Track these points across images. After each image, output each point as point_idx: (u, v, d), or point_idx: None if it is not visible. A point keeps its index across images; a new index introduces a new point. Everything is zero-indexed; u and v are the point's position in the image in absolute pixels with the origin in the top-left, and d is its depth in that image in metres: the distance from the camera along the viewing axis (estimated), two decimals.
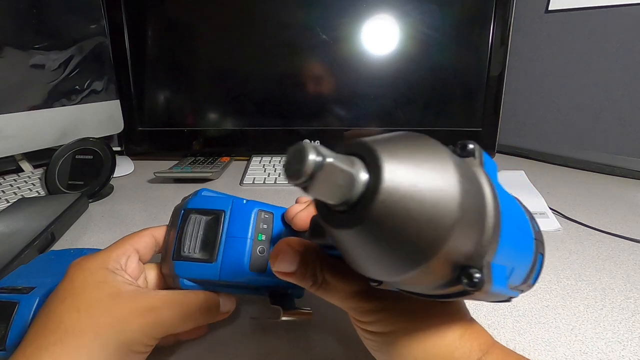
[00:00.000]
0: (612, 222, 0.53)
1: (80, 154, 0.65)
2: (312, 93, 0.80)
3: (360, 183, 0.14)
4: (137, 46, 0.78)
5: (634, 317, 0.35)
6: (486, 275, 0.16)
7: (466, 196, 0.15)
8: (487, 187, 0.17)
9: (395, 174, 0.14)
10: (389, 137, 0.16)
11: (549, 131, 0.78)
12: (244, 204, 0.28)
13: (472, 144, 0.18)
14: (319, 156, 0.13)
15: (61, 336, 0.21)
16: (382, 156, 0.14)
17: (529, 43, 0.77)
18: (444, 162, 0.15)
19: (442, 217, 0.14)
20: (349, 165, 0.14)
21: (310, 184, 0.13)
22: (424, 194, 0.14)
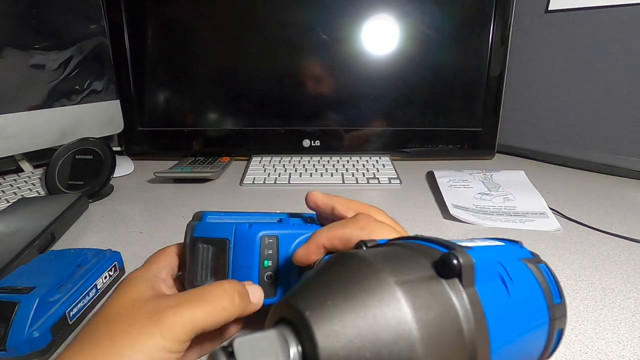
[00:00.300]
0: (612, 222, 0.53)
1: (80, 154, 0.65)
2: (312, 93, 0.80)
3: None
4: (137, 46, 0.78)
5: (634, 317, 0.35)
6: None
7: (434, 348, 0.13)
8: (469, 319, 0.14)
9: (333, 346, 0.12)
10: (323, 283, 0.14)
11: (549, 131, 0.78)
12: (247, 230, 0.27)
13: (456, 260, 0.15)
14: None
15: (84, 346, 0.21)
16: (314, 328, 0.13)
17: (529, 43, 0.77)
18: (395, 311, 0.13)
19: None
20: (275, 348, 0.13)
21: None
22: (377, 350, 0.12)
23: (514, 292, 0.17)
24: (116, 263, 0.41)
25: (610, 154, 0.71)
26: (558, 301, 0.19)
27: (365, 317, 0.13)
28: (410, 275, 0.14)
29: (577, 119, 0.74)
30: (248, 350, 0.13)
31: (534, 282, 0.19)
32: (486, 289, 0.15)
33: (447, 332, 0.14)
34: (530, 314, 0.18)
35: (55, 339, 0.31)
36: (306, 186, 0.68)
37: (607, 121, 0.71)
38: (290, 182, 0.69)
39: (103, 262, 0.39)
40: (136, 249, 0.47)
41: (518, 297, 0.17)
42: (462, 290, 0.15)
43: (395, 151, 0.82)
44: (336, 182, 0.69)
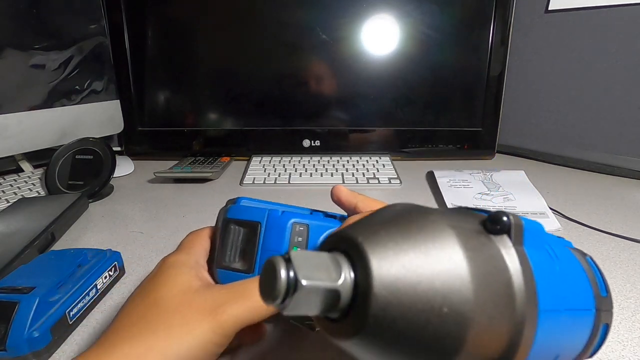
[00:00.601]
0: (612, 222, 0.53)
1: (80, 154, 0.65)
2: (312, 93, 0.80)
3: (347, 287, 0.13)
4: (137, 46, 0.78)
5: (634, 317, 0.35)
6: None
7: (484, 294, 0.13)
8: (518, 275, 0.14)
9: (387, 276, 0.12)
10: (378, 221, 0.14)
11: (549, 131, 0.78)
12: (279, 216, 0.28)
13: (506, 217, 0.15)
14: (292, 276, 0.12)
15: (140, 330, 0.22)
16: (370, 254, 0.13)
17: (529, 43, 0.77)
18: (449, 251, 0.13)
19: (451, 326, 0.12)
20: (329, 275, 0.13)
21: (285, 307, 0.12)
22: (426, 290, 0.12)
23: (560, 269, 0.17)
24: (116, 263, 0.40)
25: (610, 154, 0.71)
26: (604, 294, 0.19)
27: (419, 249, 0.13)
28: (462, 224, 0.14)
29: (577, 119, 0.74)
30: (304, 260, 0.13)
31: (579, 268, 0.19)
32: (534, 253, 0.15)
33: (496, 276, 0.14)
34: (577, 294, 0.18)
35: (55, 339, 0.31)
36: (306, 186, 0.68)
37: (607, 121, 0.71)
38: (290, 182, 0.69)
39: (103, 262, 0.39)
40: (136, 249, 0.47)
41: (564, 275, 0.17)
42: (511, 246, 0.15)
43: (395, 151, 0.82)
44: (336, 182, 0.69)
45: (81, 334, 0.34)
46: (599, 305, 0.19)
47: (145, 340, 0.22)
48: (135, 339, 0.22)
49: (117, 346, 0.22)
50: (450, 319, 0.12)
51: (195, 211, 0.58)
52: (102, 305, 0.37)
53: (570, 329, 0.17)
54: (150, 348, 0.21)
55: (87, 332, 0.34)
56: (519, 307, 0.14)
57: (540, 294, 0.15)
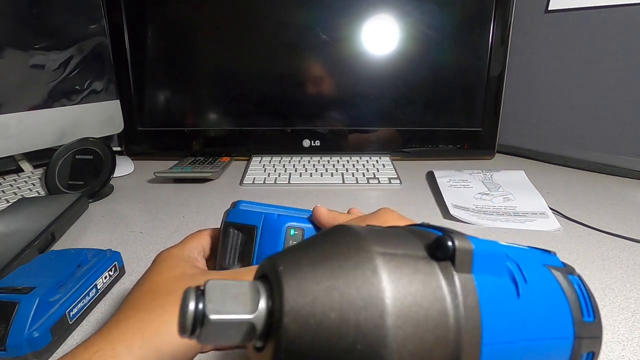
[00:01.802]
0: (612, 222, 0.53)
1: (80, 154, 0.65)
2: (312, 93, 0.80)
3: (261, 320, 0.12)
4: (137, 46, 0.78)
5: (634, 317, 0.35)
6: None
7: (407, 322, 0.12)
8: (457, 303, 0.13)
9: (298, 303, 0.12)
10: (306, 246, 0.14)
11: (549, 131, 0.78)
12: (274, 220, 0.28)
13: (450, 242, 0.14)
14: (200, 309, 0.12)
15: (136, 311, 0.24)
16: (284, 281, 0.12)
17: (529, 43, 0.77)
18: (370, 282, 0.12)
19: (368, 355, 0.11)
20: (244, 308, 0.12)
21: (198, 338, 0.12)
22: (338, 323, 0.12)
23: (525, 294, 0.15)
24: (116, 263, 0.40)
25: (610, 154, 0.71)
26: (589, 319, 0.17)
27: (337, 278, 0.12)
28: (397, 250, 0.13)
29: (577, 119, 0.74)
30: (219, 292, 0.12)
31: (557, 289, 0.17)
32: (487, 280, 0.14)
33: (427, 308, 0.12)
34: (547, 322, 0.16)
35: (55, 339, 0.31)
36: (306, 186, 0.68)
37: (607, 121, 0.71)
38: (290, 182, 0.69)
39: (103, 262, 0.39)
40: (136, 249, 0.47)
41: (531, 300, 0.15)
42: (454, 274, 0.13)
43: (395, 151, 0.82)
44: (336, 182, 0.69)
45: (81, 334, 0.34)
46: (579, 332, 0.17)
47: (140, 319, 0.23)
48: (131, 318, 0.23)
49: (113, 327, 0.23)
50: (364, 356, 0.11)
51: (195, 211, 0.58)
52: (102, 305, 0.37)
53: (534, 358, 0.15)
54: (145, 325, 0.23)
55: (87, 332, 0.34)
56: (453, 341, 0.13)
57: (485, 325, 0.13)
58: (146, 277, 0.26)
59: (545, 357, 0.16)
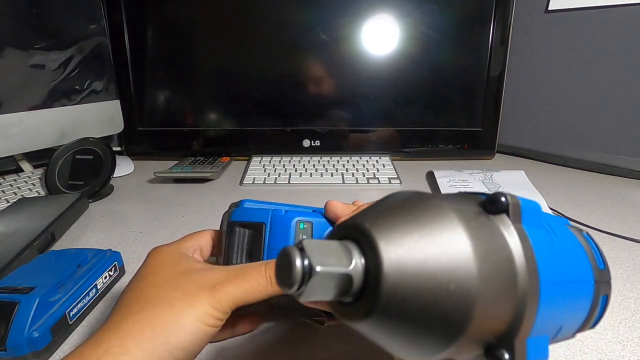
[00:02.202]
0: (612, 222, 0.53)
1: (80, 154, 0.65)
2: (312, 93, 0.80)
3: (358, 273, 0.13)
4: (137, 46, 0.78)
5: (634, 317, 0.35)
6: (519, 355, 0.14)
7: (487, 270, 0.13)
8: (518, 251, 0.15)
9: (395, 258, 0.13)
10: (382, 208, 0.15)
11: (549, 131, 0.78)
12: (282, 216, 0.28)
13: (504, 197, 0.15)
14: (307, 263, 0.12)
15: (142, 306, 0.24)
16: (378, 239, 0.13)
17: (529, 43, 0.77)
18: (452, 232, 0.13)
19: (458, 301, 0.13)
20: (342, 262, 0.13)
21: (302, 293, 0.13)
22: (433, 268, 0.13)
23: (558, 244, 0.17)
24: (116, 263, 0.40)
25: (610, 154, 0.71)
26: (602, 267, 0.20)
27: (423, 230, 0.13)
28: (460, 206, 0.15)
29: (577, 119, 0.74)
30: (317, 248, 0.13)
31: (577, 243, 0.20)
32: (532, 230, 0.16)
33: (498, 253, 0.14)
34: (575, 267, 0.18)
35: (55, 339, 0.31)
36: (306, 186, 0.68)
37: (607, 121, 0.71)
38: (290, 182, 0.69)
39: (103, 262, 0.39)
40: (136, 249, 0.47)
41: (562, 249, 0.18)
42: (510, 224, 0.15)
43: (395, 151, 0.82)
44: (336, 182, 0.69)
45: (81, 334, 0.34)
46: (597, 277, 0.19)
47: (149, 314, 0.23)
48: (139, 313, 0.23)
49: (121, 322, 0.23)
50: (457, 295, 0.13)
51: (195, 211, 0.58)
52: (102, 305, 0.37)
53: (572, 300, 0.18)
54: (154, 320, 0.23)
55: (87, 332, 0.34)
56: (521, 280, 0.14)
57: (540, 268, 0.15)
58: (146, 272, 0.26)
59: (578, 298, 0.18)
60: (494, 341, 0.14)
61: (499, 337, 0.14)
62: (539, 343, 0.15)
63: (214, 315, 0.24)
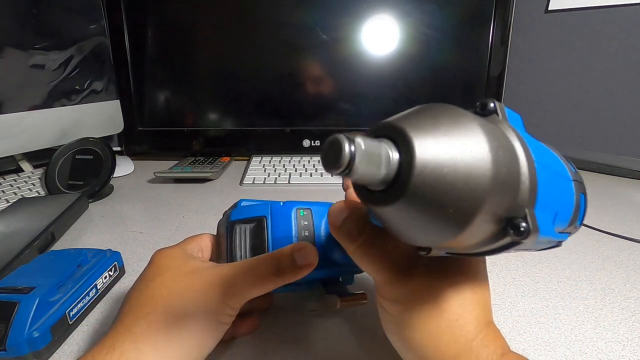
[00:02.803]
0: (612, 222, 0.53)
1: (80, 154, 0.65)
2: (312, 93, 0.80)
3: (394, 162, 0.15)
4: (137, 46, 0.78)
5: (634, 317, 0.35)
6: (532, 223, 0.16)
7: (497, 153, 0.15)
8: (516, 140, 0.18)
9: (426, 147, 0.15)
10: (412, 113, 0.17)
11: (549, 131, 0.78)
12: (281, 206, 0.29)
13: (492, 102, 0.19)
14: (353, 146, 0.14)
15: (154, 307, 0.24)
16: (410, 133, 0.15)
17: (529, 43, 0.77)
18: (469, 126, 0.16)
19: (477, 178, 0.15)
20: (381, 149, 0.15)
21: (348, 173, 0.14)
22: (456, 160, 0.15)
23: (537, 145, 0.20)
24: (116, 263, 0.40)
25: (610, 154, 0.71)
26: (574, 170, 0.23)
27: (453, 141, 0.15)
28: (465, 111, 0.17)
29: (577, 119, 0.74)
30: (359, 137, 0.15)
31: (552, 152, 0.22)
32: (519, 128, 0.19)
33: (504, 146, 0.16)
34: (557, 163, 0.21)
35: (55, 339, 0.31)
36: (306, 186, 0.68)
37: (607, 121, 0.71)
38: (290, 182, 0.69)
39: (103, 262, 0.39)
40: (136, 249, 0.47)
41: (541, 147, 0.20)
42: (501, 120, 0.19)
43: None
44: (336, 182, 0.69)
45: (81, 334, 0.34)
46: (573, 176, 0.22)
47: (162, 315, 0.23)
48: (151, 315, 0.23)
49: (134, 326, 0.23)
50: (476, 174, 0.15)
51: (195, 211, 0.58)
52: (102, 305, 0.37)
53: (560, 188, 0.20)
54: (166, 320, 0.23)
55: (87, 332, 0.34)
56: (522, 162, 0.17)
57: (533, 152, 0.18)
58: (153, 273, 0.26)
59: (563, 188, 0.21)
60: (508, 215, 0.16)
61: (512, 210, 0.17)
62: (544, 216, 0.18)
63: (226, 311, 0.24)
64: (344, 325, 0.33)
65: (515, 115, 0.20)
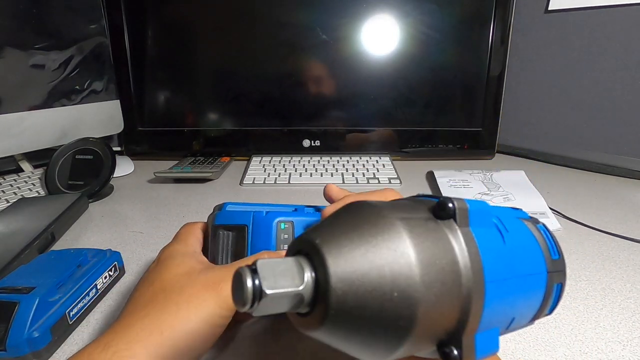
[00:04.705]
0: (612, 222, 0.53)
1: (80, 154, 0.65)
2: (312, 93, 0.80)
3: (309, 288, 0.14)
4: (137, 46, 0.78)
5: (634, 317, 0.35)
6: (466, 351, 0.15)
7: (430, 275, 0.14)
8: (463, 254, 0.16)
9: (342, 271, 0.14)
10: (335, 222, 0.16)
11: (549, 131, 0.78)
12: (263, 217, 0.29)
13: (451, 203, 0.16)
14: (257, 285, 0.14)
15: (150, 310, 0.24)
16: (326, 255, 0.14)
17: (529, 43, 0.77)
18: (396, 243, 0.15)
19: (402, 302, 0.14)
20: (293, 281, 0.14)
21: (254, 310, 0.14)
22: (377, 278, 0.14)
23: (509, 240, 0.18)
24: (116, 263, 0.40)
25: (610, 154, 0.71)
26: (556, 257, 0.21)
27: (369, 242, 0.14)
28: (410, 215, 0.16)
29: (577, 119, 0.74)
30: (269, 269, 0.14)
31: (530, 236, 0.21)
32: (480, 231, 0.17)
33: (442, 257, 0.15)
34: (527, 261, 0.19)
35: (55, 339, 0.31)
36: (306, 186, 0.68)
37: (607, 121, 0.71)
38: (290, 182, 0.69)
39: (103, 262, 0.39)
40: (136, 249, 0.47)
41: (513, 245, 0.19)
42: (457, 229, 0.16)
43: (395, 151, 0.82)
44: (336, 182, 0.69)
45: (81, 334, 0.34)
46: (550, 267, 0.20)
47: (156, 318, 0.24)
48: (147, 317, 0.24)
49: (129, 327, 0.23)
50: (400, 301, 0.14)
51: (195, 211, 0.58)
52: (102, 305, 0.37)
53: (523, 292, 0.19)
54: (161, 324, 0.23)
55: (87, 332, 0.34)
56: (465, 282, 0.15)
57: (485, 267, 0.16)
58: (154, 274, 0.27)
59: (529, 290, 0.19)
60: (445, 337, 0.15)
61: (449, 333, 0.15)
62: (489, 337, 0.16)
63: (221, 314, 0.25)
64: None
65: (480, 207, 0.17)
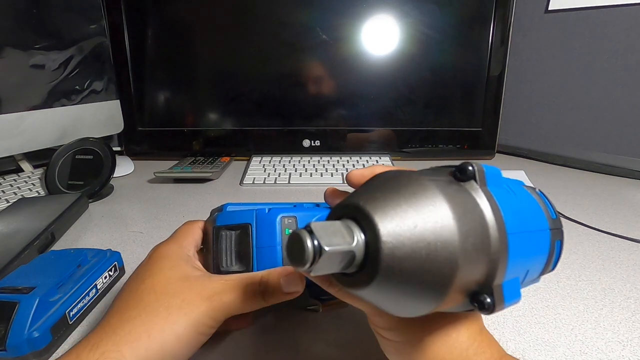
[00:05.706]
0: (612, 222, 0.53)
1: (80, 154, 0.65)
2: (312, 93, 0.80)
3: (360, 247, 0.16)
4: (137, 46, 0.78)
5: (634, 317, 0.35)
6: (497, 298, 0.17)
7: (465, 228, 0.16)
8: (488, 209, 0.17)
9: (390, 228, 0.15)
10: (373, 187, 0.17)
11: (549, 131, 0.78)
12: (266, 214, 0.29)
13: (471, 166, 0.18)
14: (317, 244, 0.15)
15: (140, 312, 0.24)
16: (373, 215, 0.15)
17: (529, 43, 0.77)
18: (433, 200, 0.16)
19: (445, 256, 0.15)
20: (345, 239, 0.15)
21: (313, 269, 0.15)
22: (422, 232, 0.15)
23: (517, 201, 0.20)
24: (116, 263, 0.40)
25: (610, 154, 0.71)
26: (554, 217, 0.23)
27: (409, 202, 0.16)
28: (437, 178, 0.18)
29: (577, 119, 0.74)
30: (323, 230, 0.15)
31: (532, 199, 0.23)
32: (497, 191, 0.19)
33: (472, 212, 0.17)
34: (533, 218, 0.21)
35: (55, 339, 0.31)
36: (306, 186, 0.68)
37: (607, 121, 0.71)
38: (290, 182, 0.69)
39: (103, 262, 0.39)
40: (136, 249, 0.47)
41: (520, 206, 0.21)
42: (478, 188, 0.18)
43: (395, 151, 0.82)
44: (336, 182, 0.69)
45: (81, 334, 0.34)
46: (551, 225, 0.23)
47: (145, 320, 0.23)
48: (136, 319, 0.24)
49: (118, 328, 0.23)
50: (443, 250, 0.15)
51: (195, 211, 0.58)
52: (102, 305, 0.37)
53: (533, 245, 0.21)
54: (151, 327, 0.23)
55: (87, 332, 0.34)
56: (493, 234, 0.17)
57: (507, 222, 0.18)
58: (146, 274, 0.27)
59: (538, 244, 0.21)
60: (476, 288, 0.17)
61: (479, 284, 0.17)
62: (512, 285, 0.18)
63: (209, 324, 0.25)
64: (337, 310, 0.33)
65: (493, 171, 0.20)
